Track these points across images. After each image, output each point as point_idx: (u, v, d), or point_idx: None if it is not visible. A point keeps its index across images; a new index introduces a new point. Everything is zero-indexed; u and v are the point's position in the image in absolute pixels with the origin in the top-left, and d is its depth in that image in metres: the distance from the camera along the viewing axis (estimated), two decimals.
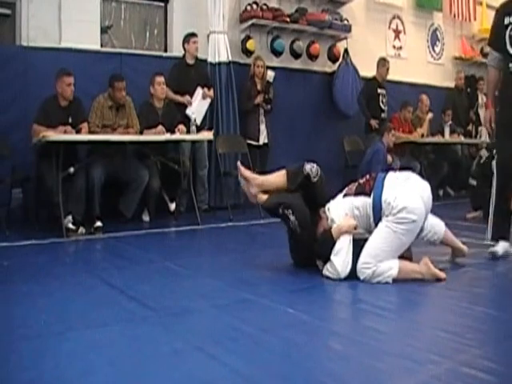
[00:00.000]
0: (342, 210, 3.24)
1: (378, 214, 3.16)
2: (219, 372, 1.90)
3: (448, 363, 1.96)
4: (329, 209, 3.28)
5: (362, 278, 3.07)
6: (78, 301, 2.76)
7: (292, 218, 3.23)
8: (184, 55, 5.95)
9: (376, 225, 3.18)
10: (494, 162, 4.06)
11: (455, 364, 1.95)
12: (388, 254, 3.09)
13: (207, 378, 1.86)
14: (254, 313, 2.60)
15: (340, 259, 3.09)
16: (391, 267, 3.07)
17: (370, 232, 3.20)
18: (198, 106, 5.81)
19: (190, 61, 5.94)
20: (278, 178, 3.42)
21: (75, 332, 2.28)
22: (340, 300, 2.90)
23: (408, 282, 3.12)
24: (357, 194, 3.28)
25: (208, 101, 5.95)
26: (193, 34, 5.92)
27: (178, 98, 5.76)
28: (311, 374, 1.91)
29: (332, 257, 3.10)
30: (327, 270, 3.14)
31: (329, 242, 3.13)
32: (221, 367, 1.93)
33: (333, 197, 3.40)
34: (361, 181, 3.39)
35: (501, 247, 3.69)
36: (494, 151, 4.14)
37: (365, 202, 3.21)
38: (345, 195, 3.34)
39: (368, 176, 3.41)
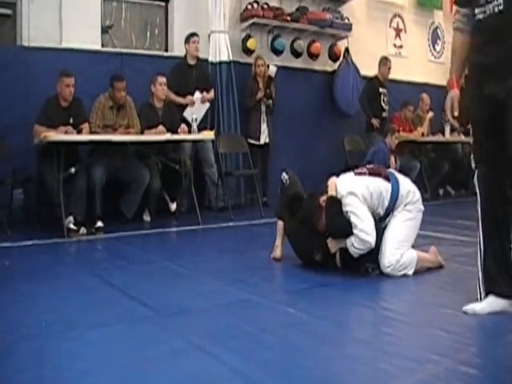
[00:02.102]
0: (356, 185, 3.22)
1: (394, 200, 3.27)
2: (219, 371, 1.91)
3: (447, 362, 1.97)
4: (336, 185, 3.24)
5: (388, 264, 3.14)
6: (79, 300, 2.78)
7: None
8: (185, 55, 5.96)
9: (386, 212, 3.28)
10: (475, 181, 2.50)
11: (454, 363, 1.95)
12: (411, 240, 3.29)
13: (207, 376, 1.87)
14: (254, 312, 2.61)
15: (365, 225, 3.08)
16: (412, 259, 3.21)
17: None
18: (195, 109, 5.81)
19: (191, 61, 5.95)
20: (278, 226, 3.63)
21: (76, 332, 2.29)
22: (340, 300, 2.89)
23: (407, 280, 3.14)
24: (371, 174, 3.33)
25: (207, 105, 5.96)
26: (193, 34, 5.93)
27: (180, 100, 5.77)
28: (311, 373, 1.92)
29: (356, 231, 3.07)
30: (352, 246, 3.10)
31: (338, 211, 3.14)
32: (221, 366, 1.95)
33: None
34: (369, 166, 3.51)
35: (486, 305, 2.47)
36: (473, 163, 2.53)
37: (383, 184, 3.28)
38: (357, 174, 3.34)
39: (372, 165, 3.57)
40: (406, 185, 3.38)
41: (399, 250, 3.17)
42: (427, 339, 2.22)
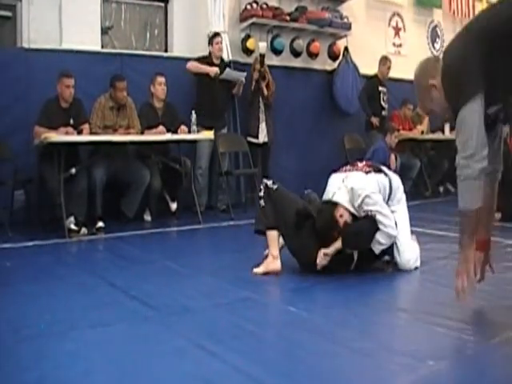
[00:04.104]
0: (373, 184, 3.25)
1: (389, 194, 3.37)
2: (220, 370, 1.92)
3: (448, 359, 1.98)
4: (353, 188, 3.17)
5: (409, 258, 3.26)
6: (80, 301, 2.78)
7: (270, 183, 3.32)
8: (209, 55, 6.01)
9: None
10: None
11: (455, 360, 1.96)
12: None
13: (209, 376, 1.87)
14: (255, 311, 2.62)
15: (391, 221, 3.15)
16: (418, 251, 3.39)
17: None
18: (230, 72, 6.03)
19: (216, 61, 6.00)
20: (272, 237, 3.31)
21: (77, 332, 2.30)
22: (340, 297, 2.90)
23: (407, 277, 3.15)
24: (376, 171, 3.39)
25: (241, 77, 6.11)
26: (216, 35, 6.00)
27: (206, 68, 5.82)
28: (312, 371, 1.92)
29: (382, 227, 3.12)
30: (378, 242, 3.14)
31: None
32: (222, 365, 1.95)
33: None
34: (368, 163, 3.55)
35: None
36: None
37: (385, 180, 3.36)
38: (367, 173, 3.34)
39: (370, 162, 3.64)
40: (395, 178, 3.47)
41: (413, 243, 3.36)
42: (428, 336, 2.22)
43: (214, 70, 5.83)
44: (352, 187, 3.18)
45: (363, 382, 1.86)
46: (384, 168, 3.54)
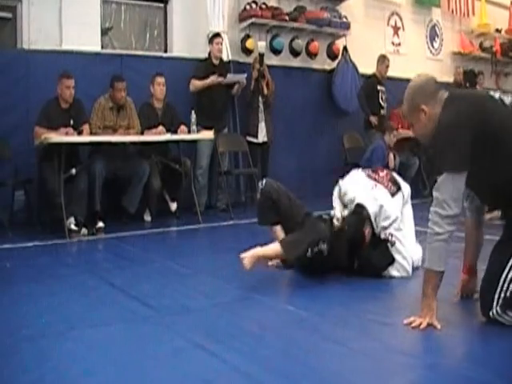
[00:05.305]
0: (398, 207, 3.26)
1: (404, 204, 3.37)
2: (220, 370, 1.92)
3: (447, 358, 1.98)
4: (382, 206, 3.15)
5: (417, 255, 3.27)
6: (80, 301, 2.79)
7: (324, 247, 2.96)
8: (209, 55, 6.02)
9: None
10: None
11: (455, 360, 1.97)
12: None
13: (208, 375, 1.88)
14: (255, 311, 2.63)
15: (408, 253, 3.18)
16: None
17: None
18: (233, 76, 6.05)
19: (215, 61, 6.01)
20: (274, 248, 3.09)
21: (77, 332, 2.31)
22: (339, 297, 2.90)
23: (407, 276, 3.16)
24: (397, 188, 3.36)
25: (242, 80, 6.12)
26: (216, 35, 6.00)
27: (207, 82, 5.82)
28: (311, 370, 1.93)
29: (399, 257, 3.15)
30: (389, 276, 3.17)
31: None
32: (222, 365, 1.96)
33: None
34: (387, 172, 3.52)
35: None
36: None
37: (400, 196, 3.34)
38: (393, 194, 3.29)
39: (380, 168, 3.65)
40: (404, 184, 3.45)
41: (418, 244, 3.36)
42: (429, 335, 2.22)
43: (216, 81, 5.83)
44: (382, 205, 3.16)
45: (363, 382, 1.86)
46: (398, 179, 3.47)
